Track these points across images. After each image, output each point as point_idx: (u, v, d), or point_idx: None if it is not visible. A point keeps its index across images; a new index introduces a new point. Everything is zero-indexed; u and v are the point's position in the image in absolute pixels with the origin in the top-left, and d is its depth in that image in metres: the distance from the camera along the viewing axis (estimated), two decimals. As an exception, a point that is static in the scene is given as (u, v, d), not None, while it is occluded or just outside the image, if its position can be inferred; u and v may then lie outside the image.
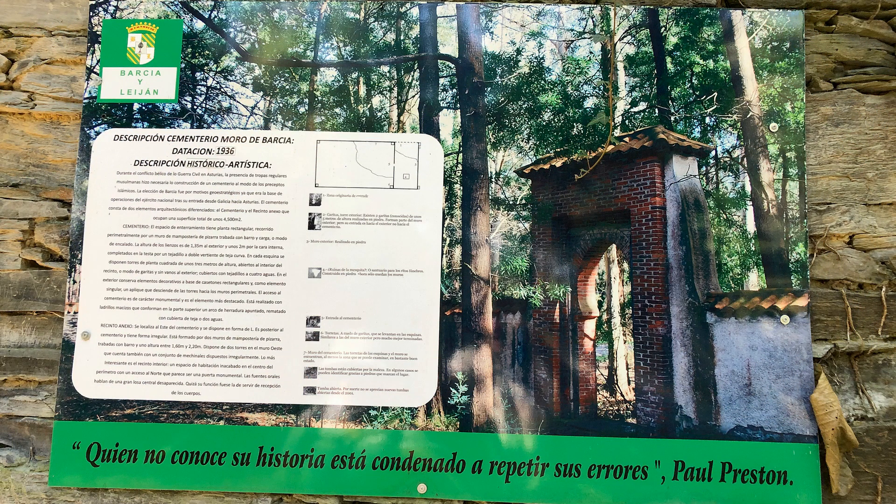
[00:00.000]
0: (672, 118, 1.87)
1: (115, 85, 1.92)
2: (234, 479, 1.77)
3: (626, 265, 1.87)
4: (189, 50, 1.93)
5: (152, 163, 1.88)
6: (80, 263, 1.84)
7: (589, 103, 1.90)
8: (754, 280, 1.80)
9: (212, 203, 1.86)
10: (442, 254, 1.85)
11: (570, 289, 1.86)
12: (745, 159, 1.85)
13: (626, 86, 1.90)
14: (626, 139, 1.87)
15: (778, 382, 1.75)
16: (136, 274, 1.83)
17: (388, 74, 1.93)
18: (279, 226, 1.85)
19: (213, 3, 1.95)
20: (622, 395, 1.81)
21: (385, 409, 1.80)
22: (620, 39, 1.91)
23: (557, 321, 1.86)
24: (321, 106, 1.92)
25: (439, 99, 1.91)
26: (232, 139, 1.89)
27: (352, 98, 1.92)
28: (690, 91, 1.88)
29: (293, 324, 1.81)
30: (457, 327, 1.83)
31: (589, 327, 1.87)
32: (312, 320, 1.82)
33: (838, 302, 1.84)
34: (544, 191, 1.89)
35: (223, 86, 1.93)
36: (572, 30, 1.93)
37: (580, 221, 1.88)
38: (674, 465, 1.74)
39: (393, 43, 1.94)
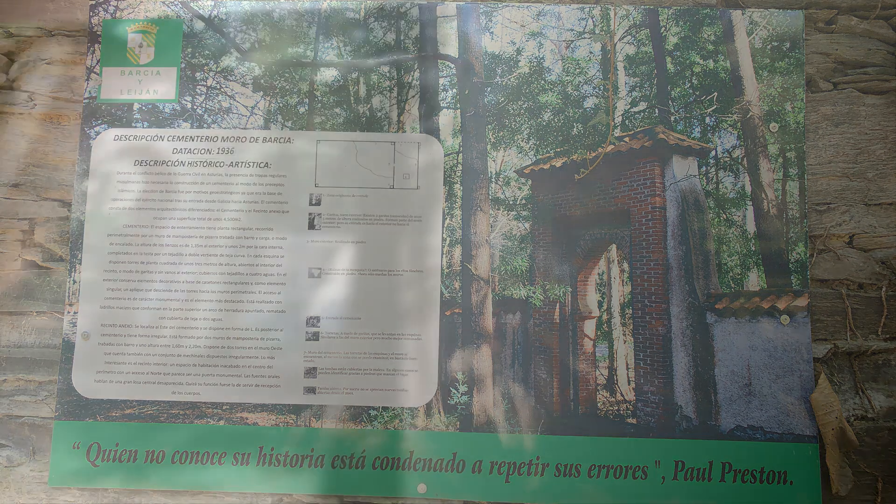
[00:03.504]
0: (672, 118, 1.87)
1: (115, 85, 1.92)
2: (234, 479, 1.77)
3: (626, 265, 1.87)
4: (189, 50, 1.93)
5: (152, 163, 1.88)
6: (80, 263, 1.84)
7: (589, 103, 1.90)
8: (754, 280, 1.80)
9: (212, 203, 1.86)
10: (442, 254, 1.85)
11: (570, 289, 1.86)
12: (745, 159, 1.85)
13: (626, 86, 1.90)
14: (626, 139, 1.87)
15: (778, 382, 1.75)
16: (136, 274, 1.83)
17: (388, 74, 1.93)
18: (279, 226, 1.85)
19: (213, 3, 1.95)
20: (622, 395, 1.81)
21: (385, 409, 1.80)
22: (620, 39, 1.91)
23: (557, 321, 1.85)
24: (321, 106, 1.92)
25: (439, 99, 1.91)
26: (232, 139, 1.89)
27: (352, 98, 1.92)
28: (690, 91, 1.88)
29: (293, 324, 1.81)
30: (457, 327, 1.83)
31: (589, 327, 1.87)
32: (312, 320, 1.82)
33: (838, 302, 1.84)
34: (544, 191, 1.89)
35: (223, 86, 1.93)
36: (572, 30, 1.93)
37: (580, 221, 1.88)
38: (674, 465, 1.74)
39: (393, 43, 1.94)
